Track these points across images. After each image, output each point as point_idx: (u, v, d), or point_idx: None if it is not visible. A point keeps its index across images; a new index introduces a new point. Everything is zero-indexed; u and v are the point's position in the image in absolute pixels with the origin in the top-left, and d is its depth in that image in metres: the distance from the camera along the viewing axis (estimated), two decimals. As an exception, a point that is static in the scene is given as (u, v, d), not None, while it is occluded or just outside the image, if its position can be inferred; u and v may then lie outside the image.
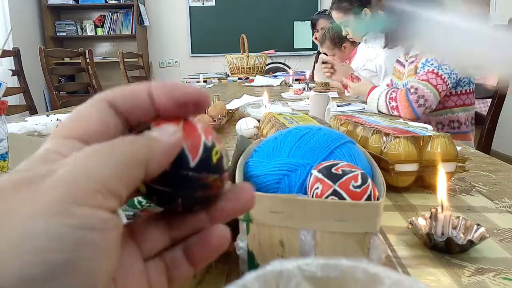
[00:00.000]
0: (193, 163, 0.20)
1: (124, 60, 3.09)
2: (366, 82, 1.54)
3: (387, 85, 1.71)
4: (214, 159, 0.21)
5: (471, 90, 1.42)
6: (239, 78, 3.06)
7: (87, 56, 2.76)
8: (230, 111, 1.25)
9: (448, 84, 1.32)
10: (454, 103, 1.42)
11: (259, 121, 0.95)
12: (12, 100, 2.80)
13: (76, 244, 0.14)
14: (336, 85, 1.91)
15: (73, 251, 0.14)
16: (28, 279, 0.13)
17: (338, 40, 2.44)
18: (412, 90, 1.30)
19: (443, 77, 1.31)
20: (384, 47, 1.54)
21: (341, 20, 2.10)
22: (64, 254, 0.14)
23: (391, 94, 1.36)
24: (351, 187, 0.36)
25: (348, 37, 2.21)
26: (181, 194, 0.20)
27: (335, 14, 2.13)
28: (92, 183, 0.16)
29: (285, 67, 3.92)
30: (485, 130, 1.51)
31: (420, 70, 1.35)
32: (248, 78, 3.00)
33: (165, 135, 0.19)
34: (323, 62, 1.76)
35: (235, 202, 0.22)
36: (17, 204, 0.15)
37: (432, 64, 1.32)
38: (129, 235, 0.21)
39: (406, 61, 1.52)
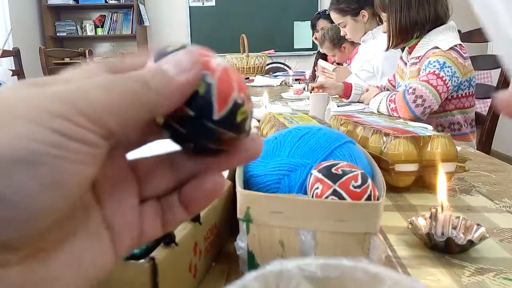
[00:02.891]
0: (216, 116, 0.19)
1: (124, 60, 3.09)
2: (372, 90, 1.56)
3: (384, 86, 1.71)
4: (239, 118, 0.20)
5: (471, 93, 1.42)
6: (239, 78, 3.05)
7: (87, 56, 2.76)
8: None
9: (449, 86, 1.31)
10: (454, 105, 1.42)
11: (259, 121, 0.95)
12: (12, 100, 2.80)
13: (50, 144, 0.15)
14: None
15: (47, 147, 0.15)
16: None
17: (338, 41, 2.44)
18: (410, 91, 1.30)
19: (444, 78, 1.30)
20: (387, 50, 1.54)
21: (340, 21, 2.11)
22: (38, 146, 0.15)
23: (391, 96, 1.37)
24: (351, 187, 0.36)
25: (346, 38, 2.22)
26: (195, 140, 0.20)
27: (333, 15, 2.13)
28: (84, 106, 0.16)
29: (285, 67, 3.92)
30: (485, 130, 1.51)
31: (422, 72, 1.35)
32: (248, 78, 3.00)
33: (178, 71, 0.18)
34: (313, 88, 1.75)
35: (241, 151, 0.22)
36: (15, 99, 0.16)
37: (434, 66, 1.31)
38: (133, 172, 0.21)
39: (408, 61, 1.52)
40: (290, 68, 3.78)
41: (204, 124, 0.19)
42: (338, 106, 1.45)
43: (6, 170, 0.14)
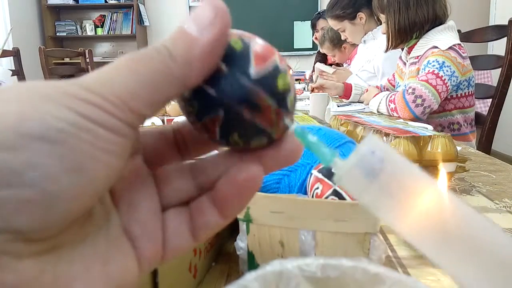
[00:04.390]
0: (253, 72, 0.16)
1: (124, 60, 3.08)
2: (372, 90, 1.57)
3: (384, 86, 1.72)
4: (280, 84, 0.17)
5: (470, 93, 1.42)
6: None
7: (87, 56, 2.76)
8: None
9: (449, 86, 1.31)
10: (453, 105, 1.42)
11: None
12: (12, 100, 2.80)
13: (76, 125, 0.14)
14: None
15: (71, 128, 0.14)
16: (21, 134, 0.13)
17: (338, 41, 2.44)
18: (409, 91, 1.30)
19: (443, 78, 1.30)
20: (386, 51, 1.54)
21: (338, 27, 2.11)
22: (62, 125, 0.14)
23: (391, 96, 1.37)
24: (351, 187, 0.36)
25: (347, 41, 2.22)
26: (225, 103, 0.17)
27: (330, 22, 2.14)
28: (107, 91, 0.15)
29: (285, 67, 3.91)
30: (485, 130, 1.51)
31: (422, 72, 1.35)
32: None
33: (200, 28, 0.16)
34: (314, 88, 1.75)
35: (275, 150, 0.19)
36: (39, 82, 0.15)
37: (433, 66, 1.31)
38: (151, 178, 0.19)
39: (407, 61, 1.52)
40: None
41: (238, 80, 0.16)
42: (338, 106, 1.45)
43: (26, 146, 0.13)
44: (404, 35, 1.43)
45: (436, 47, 1.34)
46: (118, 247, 0.17)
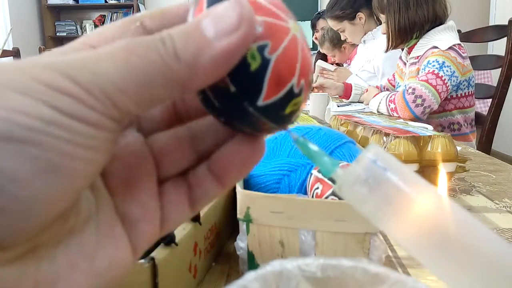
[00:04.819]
0: (262, 102, 0.15)
1: (124, 60, 3.09)
2: (371, 90, 1.57)
3: (384, 86, 1.72)
4: (288, 110, 0.16)
5: (470, 93, 1.42)
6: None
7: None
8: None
9: (449, 86, 1.31)
10: (453, 105, 1.42)
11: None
12: (12, 100, 2.80)
13: (50, 122, 0.12)
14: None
15: (41, 124, 0.12)
16: None
17: (337, 41, 2.44)
18: (409, 91, 1.31)
19: (443, 78, 1.30)
20: (386, 51, 1.54)
21: (338, 27, 2.12)
22: (30, 121, 0.12)
23: (391, 96, 1.37)
24: (351, 187, 0.36)
25: (347, 41, 2.22)
26: (226, 117, 0.16)
27: (330, 22, 2.14)
28: (87, 80, 0.13)
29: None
30: (485, 130, 1.51)
31: (422, 72, 1.35)
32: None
33: (217, 31, 0.14)
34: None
35: None
36: (8, 65, 0.13)
37: (433, 66, 1.31)
38: (148, 150, 0.18)
39: (407, 61, 1.52)
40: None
41: (243, 107, 0.15)
42: (338, 106, 1.45)
43: None
44: (404, 35, 1.43)
45: (436, 47, 1.34)
46: (110, 236, 0.16)
